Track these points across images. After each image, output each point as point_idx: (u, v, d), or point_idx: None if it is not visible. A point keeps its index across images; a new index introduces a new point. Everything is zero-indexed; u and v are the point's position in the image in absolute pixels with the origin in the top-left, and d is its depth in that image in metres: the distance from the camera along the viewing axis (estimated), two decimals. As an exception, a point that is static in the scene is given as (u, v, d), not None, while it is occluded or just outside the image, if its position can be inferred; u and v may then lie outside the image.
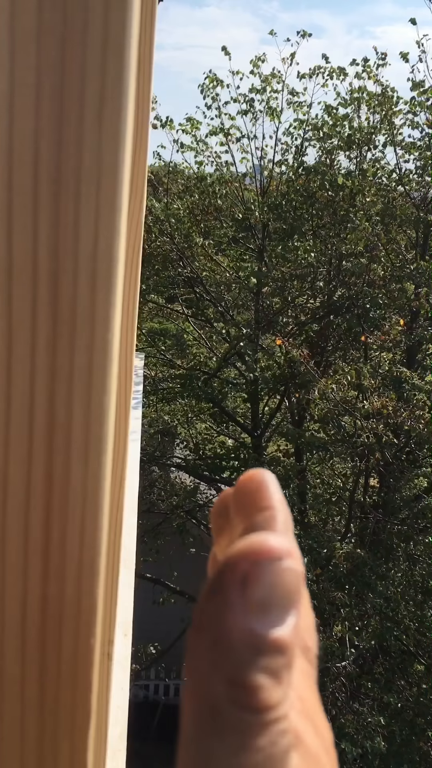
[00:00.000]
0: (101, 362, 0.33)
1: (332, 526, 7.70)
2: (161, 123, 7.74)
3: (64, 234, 0.31)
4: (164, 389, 8.64)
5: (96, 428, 0.34)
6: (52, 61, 0.29)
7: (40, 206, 0.31)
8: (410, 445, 6.69)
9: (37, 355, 0.33)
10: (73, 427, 0.34)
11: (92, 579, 0.36)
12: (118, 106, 0.30)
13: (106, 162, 0.31)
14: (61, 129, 0.30)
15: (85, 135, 0.30)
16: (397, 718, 5.68)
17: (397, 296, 6.77)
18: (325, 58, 7.55)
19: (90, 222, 0.31)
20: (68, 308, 0.32)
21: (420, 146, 7.22)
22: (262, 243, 7.58)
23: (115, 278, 0.33)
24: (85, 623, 0.37)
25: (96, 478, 0.35)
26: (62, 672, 0.37)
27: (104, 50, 0.29)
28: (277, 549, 0.26)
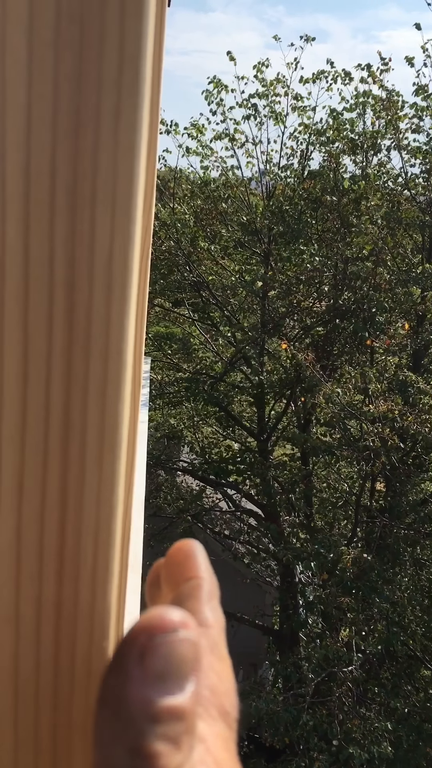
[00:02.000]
0: (116, 370, 0.34)
1: (338, 530, 7.68)
2: (166, 128, 7.76)
3: (80, 244, 0.32)
4: (170, 393, 8.65)
5: (110, 435, 0.35)
6: (69, 73, 0.30)
7: (57, 217, 0.31)
8: (416, 449, 6.68)
9: (53, 363, 0.33)
10: (88, 434, 0.34)
11: (106, 583, 0.37)
12: (133, 118, 0.31)
13: (122, 173, 0.31)
14: (77, 141, 0.30)
15: (101, 147, 0.31)
16: (404, 723, 5.65)
17: (403, 300, 6.76)
18: (330, 63, 7.57)
19: (105, 232, 0.32)
20: (84, 317, 0.33)
21: (426, 151, 7.22)
22: (268, 247, 7.59)
23: (129, 287, 0.33)
24: (99, 626, 0.37)
25: (110, 484, 0.35)
26: (76, 675, 0.38)
27: (120, 63, 0.30)
28: (171, 621, 0.27)
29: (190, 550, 0.34)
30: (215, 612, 0.32)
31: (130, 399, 0.37)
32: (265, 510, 7.65)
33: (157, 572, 0.36)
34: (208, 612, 0.32)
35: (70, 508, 0.35)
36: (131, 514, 0.56)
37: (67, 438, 0.34)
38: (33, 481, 0.34)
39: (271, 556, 7.62)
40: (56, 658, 0.37)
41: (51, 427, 0.34)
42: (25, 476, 0.34)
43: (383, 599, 5.67)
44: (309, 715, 5.38)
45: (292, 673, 5.81)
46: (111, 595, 0.37)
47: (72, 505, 0.35)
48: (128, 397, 0.35)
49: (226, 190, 7.85)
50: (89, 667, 0.38)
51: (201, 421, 8.98)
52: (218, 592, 0.33)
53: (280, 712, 5.31)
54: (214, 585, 0.33)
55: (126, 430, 0.36)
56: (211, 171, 8.06)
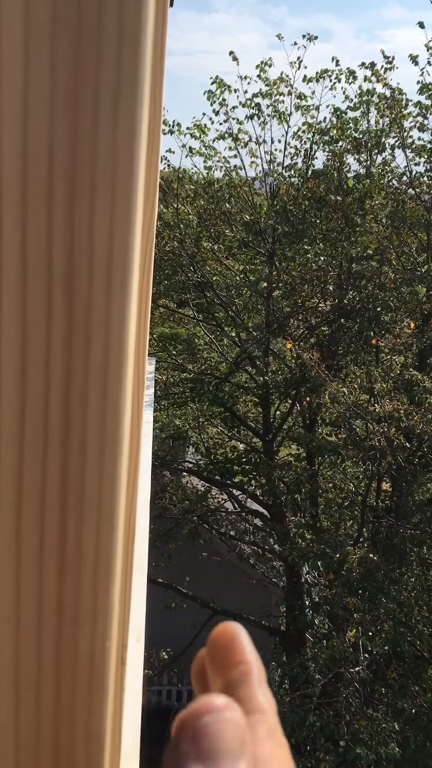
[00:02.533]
0: (117, 361, 0.33)
1: (345, 530, 7.66)
2: (169, 128, 7.76)
3: (79, 231, 0.31)
4: (175, 394, 8.64)
5: (111, 428, 0.34)
6: (66, 55, 0.29)
7: (55, 203, 0.30)
8: (422, 449, 6.65)
9: (53, 354, 0.32)
10: (89, 427, 0.33)
11: (107, 582, 0.36)
12: (133, 101, 0.30)
13: (121, 158, 0.30)
14: (75, 124, 0.30)
15: (100, 130, 0.30)
16: (412, 724, 5.63)
17: (409, 299, 6.74)
18: (336, 61, 7.55)
19: (105, 219, 0.31)
20: (83, 307, 0.32)
21: (430, 149, 7.19)
22: (272, 247, 7.57)
23: (130, 277, 0.32)
24: (101, 626, 0.36)
25: (111, 480, 0.34)
26: (78, 675, 0.37)
27: (119, 45, 0.29)
28: (217, 705, 0.29)
29: (234, 633, 0.34)
30: (267, 696, 0.33)
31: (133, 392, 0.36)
32: (270, 510, 7.63)
33: (201, 662, 0.36)
34: (261, 696, 0.32)
35: (71, 505, 0.34)
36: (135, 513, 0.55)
37: (68, 432, 0.33)
38: (32, 478, 0.33)
39: (277, 557, 7.61)
40: (58, 658, 0.36)
41: (50, 421, 0.33)
42: (24, 472, 0.33)
43: (390, 599, 5.65)
44: (316, 715, 5.36)
45: (298, 674, 5.79)
46: (113, 594, 0.36)
47: (72, 501, 0.34)
48: (130, 389, 0.34)
49: (229, 190, 7.84)
50: (91, 668, 0.37)
51: (206, 421, 8.97)
52: (265, 674, 0.34)
53: (286, 712, 5.29)
54: (262, 668, 0.34)
55: (128, 423, 0.35)
56: (214, 171, 8.05)
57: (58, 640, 0.36)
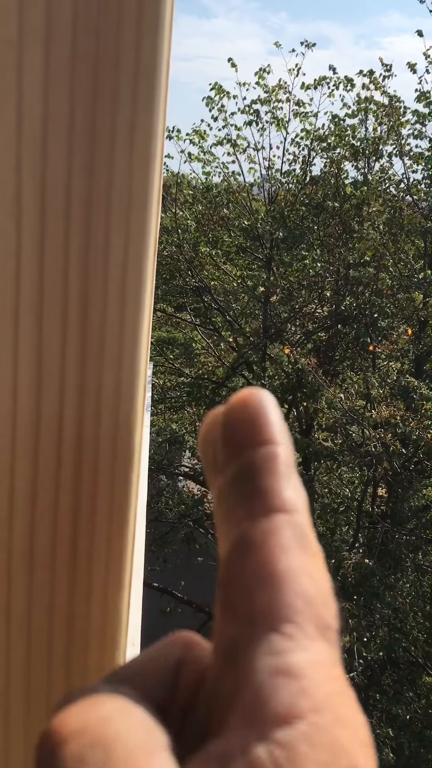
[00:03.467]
0: (129, 380, 0.34)
1: (340, 536, 7.67)
2: (168, 134, 7.79)
3: (94, 255, 0.32)
4: (172, 398, 8.65)
5: (123, 446, 0.35)
6: (85, 87, 0.30)
7: (72, 229, 0.31)
8: (418, 455, 6.67)
9: (67, 374, 0.33)
10: (101, 445, 0.34)
11: (117, 595, 0.37)
12: (149, 131, 0.31)
13: (136, 186, 0.32)
14: (93, 154, 0.31)
15: (117, 160, 0.31)
16: (406, 730, 5.64)
17: (405, 305, 6.76)
18: (333, 69, 7.59)
19: (120, 244, 0.32)
20: (97, 327, 0.33)
21: (428, 157, 7.23)
22: (270, 252, 7.60)
23: (143, 298, 0.34)
24: (111, 639, 0.37)
25: (123, 495, 0.35)
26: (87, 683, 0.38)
27: (136, 76, 0.30)
28: None
29: (260, 402, 0.26)
30: (298, 491, 0.25)
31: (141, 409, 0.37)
32: (266, 515, 7.63)
33: (214, 421, 0.27)
34: (290, 491, 0.25)
35: (83, 520, 0.35)
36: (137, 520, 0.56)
37: (80, 449, 0.34)
38: (45, 494, 0.34)
39: (273, 562, 7.60)
40: (68, 670, 0.37)
41: (64, 438, 0.34)
42: (38, 489, 0.34)
43: (385, 605, 5.66)
44: (310, 721, 5.35)
45: (293, 680, 5.79)
46: (122, 607, 0.37)
47: (84, 515, 0.35)
48: (141, 407, 0.35)
49: (227, 196, 7.86)
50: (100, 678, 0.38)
51: (202, 426, 8.97)
52: (294, 461, 0.26)
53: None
54: (292, 453, 0.26)
55: (138, 438, 0.36)
56: (213, 177, 8.08)
57: (68, 651, 0.37)
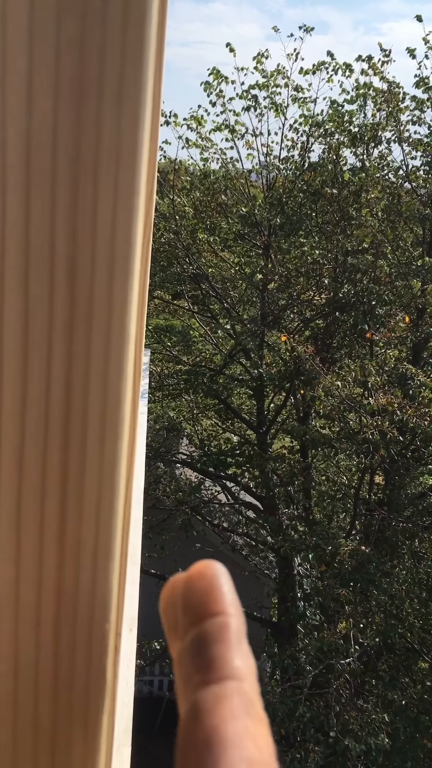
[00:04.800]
0: (118, 348, 0.33)
1: (337, 523, 7.69)
2: (166, 119, 7.72)
3: (82, 216, 0.31)
4: (170, 385, 8.64)
5: (112, 414, 0.34)
6: (71, 39, 0.29)
7: (58, 188, 0.30)
8: (415, 443, 6.68)
9: (54, 340, 0.32)
10: (90, 413, 0.34)
11: (107, 566, 0.36)
12: (138, 86, 0.30)
13: (125, 143, 0.31)
14: (80, 109, 0.30)
15: (105, 115, 0.30)
16: (402, 716, 5.67)
17: (403, 293, 6.75)
18: (331, 54, 7.53)
19: (108, 204, 0.31)
20: (86, 292, 0.32)
21: (427, 143, 7.19)
22: (268, 239, 7.57)
23: (132, 263, 0.33)
24: (100, 609, 0.36)
25: (111, 465, 0.35)
26: (76, 658, 0.37)
27: (124, 29, 0.29)
28: None
29: (214, 576, 0.29)
30: (246, 659, 0.27)
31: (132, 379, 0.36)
32: (263, 502, 7.66)
33: (174, 593, 0.30)
34: (238, 659, 0.27)
35: (71, 487, 0.35)
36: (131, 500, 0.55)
37: (68, 416, 0.33)
38: (33, 460, 0.34)
39: (270, 549, 7.64)
40: (56, 641, 0.36)
41: (51, 406, 0.33)
42: (25, 455, 0.34)
43: (381, 592, 5.68)
44: (306, 707, 5.40)
45: (289, 665, 5.83)
46: (112, 578, 0.37)
47: (73, 484, 0.35)
48: (131, 376, 0.35)
49: (225, 182, 7.82)
50: (89, 651, 0.37)
51: (200, 413, 8.98)
52: (246, 628, 0.29)
53: (276, 703, 5.32)
54: (243, 623, 0.28)
55: (128, 410, 0.35)
56: (210, 163, 8.03)
57: (57, 623, 0.36)
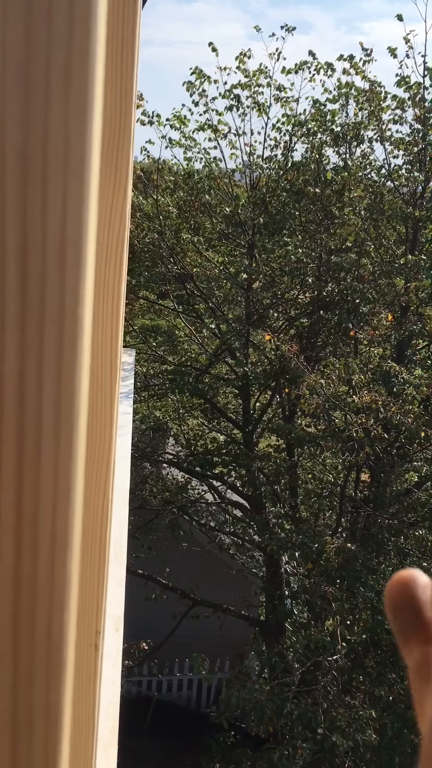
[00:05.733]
0: (72, 338, 0.34)
1: (323, 520, 7.72)
2: (149, 119, 7.72)
3: (32, 210, 0.31)
4: (155, 385, 8.64)
5: (67, 404, 0.34)
6: (17, 32, 0.29)
7: (7, 181, 0.31)
8: (400, 440, 6.71)
9: (7, 330, 0.33)
10: (44, 403, 0.34)
11: (64, 555, 0.36)
12: (85, 80, 0.30)
13: (74, 137, 0.31)
14: (27, 102, 0.30)
15: (52, 108, 0.30)
16: (389, 711, 5.70)
17: (387, 291, 6.78)
18: (312, 54, 7.55)
19: (58, 197, 0.31)
20: (38, 283, 0.32)
21: (408, 142, 7.23)
22: (252, 238, 7.58)
23: (84, 253, 0.33)
24: (59, 599, 0.37)
25: (68, 454, 0.35)
26: (36, 649, 0.37)
27: (70, 23, 0.29)
28: None
29: None
30: None
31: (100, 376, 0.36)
32: (250, 501, 7.67)
33: (406, 592, 0.29)
34: None
35: (27, 479, 0.35)
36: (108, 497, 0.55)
37: (22, 407, 0.34)
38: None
39: (257, 547, 7.65)
40: (15, 631, 0.37)
41: (5, 397, 0.33)
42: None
43: (368, 588, 5.70)
44: (294, 704, 5.41)
45: (277, 663, 5.84)
46: (70, 567, 0.37)
47: (29, 476, 0.35)
48: (86, 367, 0.35)
49: (209, 182, 7.82)
50: (49, 641, 0.37)
51: (186, 413, 8.98)
52: None
53: (264, 701, 5.33)
54: None
55: (85, 398, 0.35)
56: (194, 162, 8.03)
57: (16, 614, 0.37)
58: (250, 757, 6.36)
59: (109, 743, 0.91)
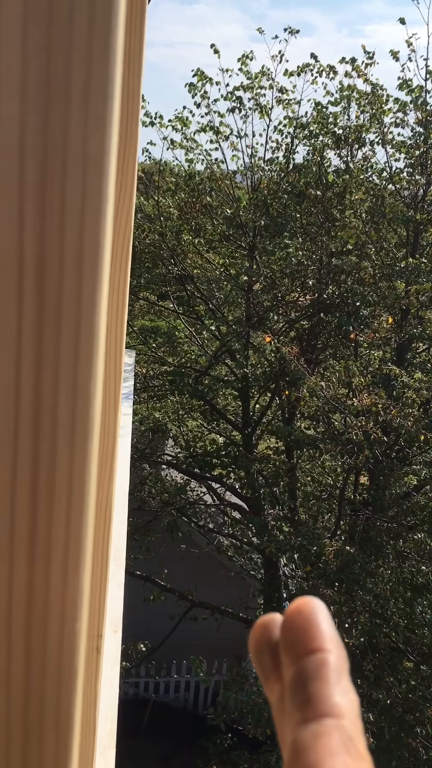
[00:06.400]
0: (88, 346, 0.34)
1: (322, 523, 7.72)
2: (151, 120, 7.73)
3: (50, 219, 0.31)
4: (155, 387, 8.64)
5: (82, 412, 0.34)
6: (38, 45, 0.29)
7: (26, 191, 0.31)
8: (400, 443, 6.72)
9: (24, 340, 0.33)
10: (59, 411, 0.34)
11: (78, 563, 0.36)
12: (104, 91, 0.31)
13: (92, 147, 0.31)
14: (46, 113, 0.30)
15: (71, 120, 0.30)
16: (386, 715, 5.70)
17: (387, 294, 6.79)
18: (314, 56, 7.56)
19: (76, 207, 0.32)
20: (54, 293, 0.32)
21: (410, 145, 7.24)
22: (253, 240, 7.59)
23: (101, 263, 0.33)
24: (71, 607, 0.37)
25: (82, 462, 0.35)
26: (48, 657, 0.37)
27: (90, 36, 0.30)
28: None
29: (312, 612, 0.29)
30: (347, 695, 0.28)
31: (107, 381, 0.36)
32: (249, 503, 7.67)
33: (265, 635, 0.31)
34: (338, 696, 0.27)
35: (42, 487, 0.35)
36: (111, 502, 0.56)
37: (38, 416, 0.34)
38: (3, 461, 0.34)
39: (255, 549, 7.65)
40: (27, 639, 0.37)
41: (21, 406, 0.34)
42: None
43: (366, 591, 5.70)
44: (292, 706, 5.40)
45: (275, 665, 5.83)
46: (83, 576, 0.37)
47: (44, 484, 0.35)
48: (101, 375, 0.35)
49: (210, 183, 7.83)
50: (60, 649, 0.37)
51: (186, 414, 8.98)
52: (347, 664, 0.29)
53: (262, 703, 5.33)
54: (343, 658, 0.29)
55: (99, 408, 0.35)
56: (195, 164, 8.04)
57: (29, 622, 0.37)
58: (247, 760, 6.36)
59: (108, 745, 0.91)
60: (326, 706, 0.27)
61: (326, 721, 0.26)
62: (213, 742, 6.98)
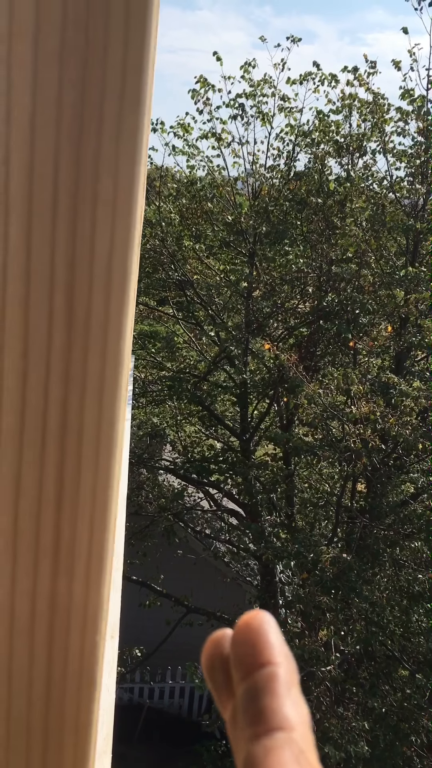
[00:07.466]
0: (113, 370, 0.35)
1: (319, 530, 7.72)
2: (153, 126, 7.75)
3: (80, 246, 0.33)
4: (153, 392, 8.64)
5: (106, 434, 0.35)
6: (73, 79, 0.30)
7: (58, 219, 0.32)
8: (397, 451, 6.73)
9: (52, 362, 0.34)
10: (85, 432, 0.35)
11: (100, 578, 0.37)
12: (135, 125, 0.32)
13: (122, 179, 0.32)
14: (80, 144, 0.31)
15: (103, 151, 0.31)
16: (381, 723, 5.69)
17: (387, 302, 6.81)
18: (317, 65, 7.60)
19: (106, 236, 0.33)
20: (83, 317, 0.34)
21: (411, 154, 7.27)
22: (253, 247, 7.61)
23: (128, 290, 0.34)
24: (92, 621, 0.38)
25: (105, 481, 0.36)
26: (69, 668, 0.38)
27: (124, 72, 0.31)
28: None
29: (261, 626, 0.29)
30: (297, 707, 0.28)
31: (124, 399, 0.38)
32: (246, 509, 7.67)
33: (216, 651, 0.31)
34: (288, 708, 0.27)
35: (66, 504, 0.36)
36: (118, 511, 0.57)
37: (65, 435, 0.35)
38: (30, 477, 0.35)
39: (252, 556, 7.65)
40: (50, 651, 0.38)
41: (48, 425, 0.35)
42: (22, 472, 0.35)
43: (362, 599, 5.70)
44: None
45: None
46: (104, 590, 0.38)
47: (68, 501, 0.36)
48: (124, 397, 0.36)
49: (211, 190, 7.85)
50: (81, 661, 0.38)
51: (184, 419, 8.99)
52: (297, 676, 0.29)
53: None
54: (293, 670, 0.29)
55: (121, 427, 0.37)
56: (197, 170, 8.07)
57: (51, 634, 0.38)
58: (241, 767, 6.34)
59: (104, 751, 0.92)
60: (276, 719, 0.27)
61: (277, 735, 0.27)
62: (207, 749, 6.97)
